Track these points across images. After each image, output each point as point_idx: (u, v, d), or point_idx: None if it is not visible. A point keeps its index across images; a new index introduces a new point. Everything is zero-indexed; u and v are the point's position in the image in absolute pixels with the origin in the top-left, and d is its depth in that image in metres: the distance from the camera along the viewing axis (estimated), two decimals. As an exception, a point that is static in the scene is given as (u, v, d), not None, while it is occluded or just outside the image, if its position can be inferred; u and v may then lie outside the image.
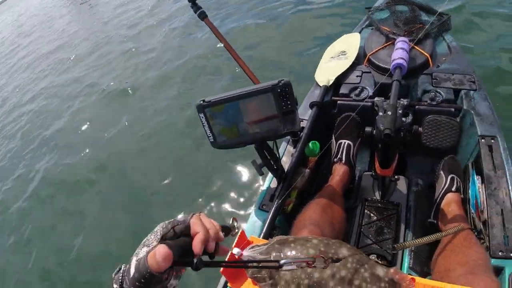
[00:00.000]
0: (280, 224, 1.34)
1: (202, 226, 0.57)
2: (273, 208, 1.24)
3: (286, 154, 1.52)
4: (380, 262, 1.31)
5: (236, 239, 0.83)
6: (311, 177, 1.54)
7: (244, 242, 0.80)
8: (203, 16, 1.62)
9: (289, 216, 1.43)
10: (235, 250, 0.71)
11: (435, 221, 1.35)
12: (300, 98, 1.74)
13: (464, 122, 1.49)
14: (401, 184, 1.53)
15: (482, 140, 1.37)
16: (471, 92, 1.54)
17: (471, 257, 1.00)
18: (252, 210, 1.38)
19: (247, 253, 0.73)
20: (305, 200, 1.55)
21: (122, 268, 0.55)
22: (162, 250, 0.50)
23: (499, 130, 1.39)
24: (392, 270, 0.79)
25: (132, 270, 0.52)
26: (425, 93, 1.57)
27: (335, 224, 1.18)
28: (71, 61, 6.26)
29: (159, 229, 0.57)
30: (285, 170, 1.37)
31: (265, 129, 1.14)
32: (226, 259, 0.72)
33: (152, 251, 0.52)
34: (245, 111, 1.11)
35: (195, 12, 1.62)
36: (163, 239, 0.55)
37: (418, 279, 0.78)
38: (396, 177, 1.54)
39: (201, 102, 1.10)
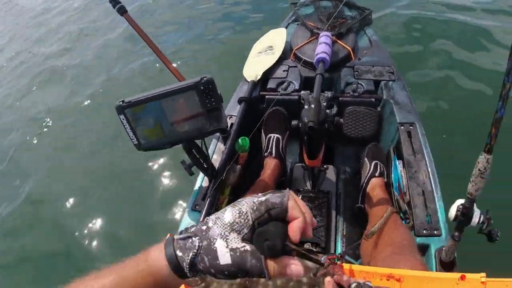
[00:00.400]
0: None
1: (300, 212, 0.48)
2: (205, 207, 1.22)
3: (217, 151, 1.50)
4: (314, 249, 1.35)
5: None
6: (243, 172, 1.54)
7: None
8: (122, 11, 1.53)
9: None
10: None
11: (363, 206, 1.41)
12: (229, 94, 1.73)
13: (385, 111, 1.58)
14: (330, 173, 1.59)
15: (401, 127, 1.46)
16: (390, 82, 1.64)
17: (396, 238, 1.05)
18: (184, 212, 1.34)
19: None
20: (238, 197, 1.55)
21: (194, 241, 0.47)
22: (296, 268, 0.46)
23: (417, 117, 1.49)
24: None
25: (223, 257, 0.45)
26: (348, 85, 1.63)
27: None
28: None
29: (248, 211, 0.46)
30: (216, 168, 1.35)
31: (191, 128, 1.11)
32: None
33: (271, 261, 0.46)
34: (168, 110, 1.07)
35: (114, 7, 1.53)
36: (254, 226, 0.47)
37: (345, 265, 0.80)
38: (325, 166, 1.59)
39: (120, 103, 1.04)
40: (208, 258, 0.46)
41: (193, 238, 0.47)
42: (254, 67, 1.79)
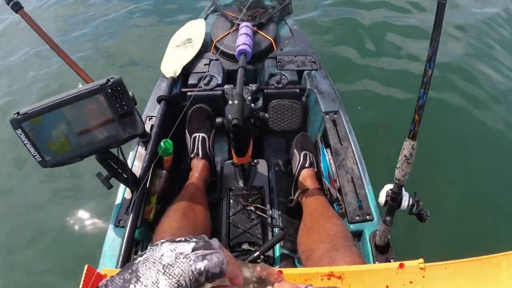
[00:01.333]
0: (144, 237, 1.21)
1: (237, 268, 0.45)
2: (129, 221, 1.10)
3: (138, 157, 1.37)
4: (253, 248, 1.31)
5: (83, 277, 0.68)
6: (170, 177, 1.43)
7: (93, 279, 0.66)
8: (17, 7, 1.32)
9: (153, 224, 1.31)
10: None
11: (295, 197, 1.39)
12: (148, 93, 1.60)
13: (309, 100, 1.58)
14: (262, 167, 1.55)
15: (326, 116, 1.46)
16: (313, 72, 1.63)
17: (330, 232, 1.04)
18: (108, 229, 1.20)
19: None
20: (168, 203, 1.44)
21: None
22: None
23: (340, 105, 1.50)
24: (258, 268, 0.75)
25: None
26: (272, 76, 1.60)
27: (197, 227, 1.11)
28: None
29: (187, 283, 0.38)
30: (138, 176, 1.23)
31: (102, 137, 0.98)
32: None
33: None
34: (73, 119, 0.94)
35: (8, 4, 1.31)
36: None
37: (285, 270, 0.76)
38: (255, 161, 1.54)
39: (15, 115, 0.88)
40: None
41: None
42: (173, 62, 1.67)
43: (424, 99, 0.75)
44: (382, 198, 0.98)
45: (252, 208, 1.38)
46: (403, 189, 0.92)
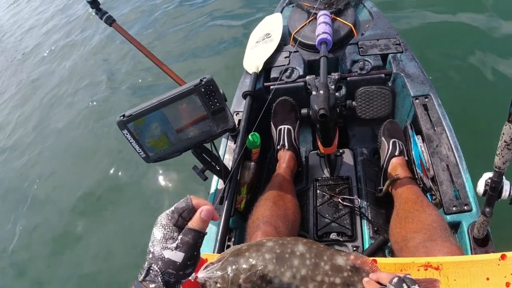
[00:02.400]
0: (236, 225, 1.28)
1: (204, 201, 0.62)
2: (224, 211, 1.17)
3: (228, 151, 1.45)
4: (341, 239, 1.31)
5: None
6: (258, 169, 1.49)
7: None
8: (110, 21, 1.48)
9: (244, 213, 1.38)
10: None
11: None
12: (233, 90, 1.67)
13: (396, 85, 1.51)
14: (347, 157, 1.53)
15: (416, 101, 1.38)
16: (398, 54, 1.55)
17: (425, 221, 0.99)
18: None
19: (202, 274, 0.69)
20: (256, 193, 1.50)
21: (154, 268, 0.56)
22: (205, 210, 0.60)
23: (431, 87, 1.41)
24: (352, 256, 0.76)
25: (176, 256, 0.57)
26: (354, 63, 1.56)
27: (289, 216, 1.14)
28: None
29: (167, 222, 0.59)
30: (229, 168, 1.30)
31: (197, 133, 1.06)
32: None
33: (192, 220, 0.59)
34: (172, 118, 1.02)
35: (101, 18, 1.48)
36: (177, 228, 0.59)
37: (379, 259, 0.76)
38: (341, 151, 1.53)
39: (121, 118, 0.99)
40: (171, 268, 0.56)
41: (151, 268, 0.56)
42: (254, 58, 1.72)
43: None
44: (480, 188, 0.93)
45: (339, 199, 1.37)
46: (503, 177, 0.85)
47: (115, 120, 1.00)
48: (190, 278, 0.65)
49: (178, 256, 0.57)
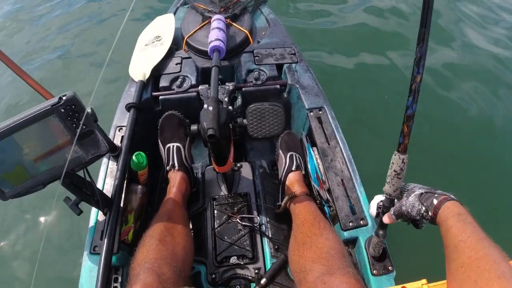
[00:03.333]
0: (123, 262, 1.10)
1: None
2: (104, 248, 0.99)
3: (110, 174, 1.25)
4: (242, 262, 1.22)
5: None
6: (149, 190, 1.33)
7: None
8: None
9: (133, 245, 1.20)
10: None
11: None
12: (117, 100, 1.47)
13: (291, 96, 1.48)
14: (246, 171, 1.45)
15: (311, 113, 1.36)
16: (293, 65, 1.53)
17: (323, 248, 0.95)
18: (83, 257, 1.09)
19: None
20: (147, 220, 1.34)
21: None
22: None
23: (325, 100, 1.40)
24: None
25: None
26: (250, 73, 1.49)
27: (177, 254, 1.00)
28: None
29: None
30: (110, 195, 1.12)
31: (62, 162, 0.87)
32: None
33: None
34: (27, 146, 0.82)
35: None
36: None
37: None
38: (238, 165, 1.44)
39: None
40: None
41: None
42: (141, 63, 1.54)
43: (414, 109, 0.66)
44: (373, 210, 0.92)
45: (238, 219, 1.28)
46: (395, 201, 0.84)
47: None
48: None
49: None
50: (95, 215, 1.15)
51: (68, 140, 0.85)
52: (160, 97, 1.45)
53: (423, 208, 0.72)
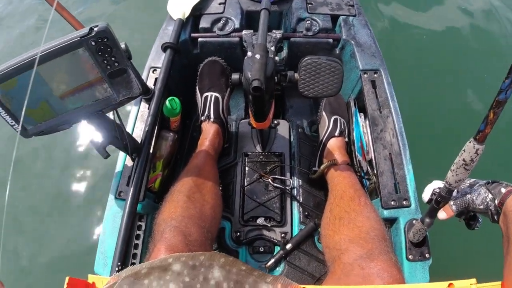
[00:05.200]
0: (149, 210, 1.06)
1: None
2: (130, 194, 0.94)
3: (140, 118, 1.17)
4: (269, 224, 1.17)
5: None
6: (179, 138, 1.25)
7: None
8: None
9: (160, 193, 1.16)
10: None
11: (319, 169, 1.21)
12: (151, 40, 1.36)
13: (344, 53, 1.33)
14: (283, 129, 1.35)
15: (365, 75, 1.22)
16: (350, 18, 1.36)
17: (363, 228, 0.86)
18: (108, 200, 1.05)
19: None
20: (176, 168, 1.28)
21: None
22: None
23: (382, 62, 1.25)
24: (279, 285, 0.61)
25: None
26: (300, 22, 1.34)
27: (206, 213, 0.93)
28: None
29: None
30: (140, 140, 1.05)
31: (90, 101, 0.79)
32: None
33: None
34: (52, 81, 0.74)
35: None
36: None
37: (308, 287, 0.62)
38: (276, 122, 1.34)
39: None
40: None
41: None
42: (181, 1, 1.41)
43: (508, 95, 0.53)
44: (426, 195, 0.83)
45: (270, 180, 1.21)
46: (453, 193, 0.74)
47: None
48: None
49: None
50: (122, 160, 1.09)
51: (98, 77, 0.76)
52: (199, 39, 1.33)
53: (490, 196, 0.68)
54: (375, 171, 1.08)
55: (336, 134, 1.18)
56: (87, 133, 1.88)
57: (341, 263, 0.80)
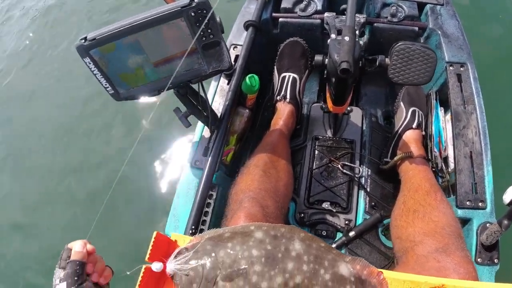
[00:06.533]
0: (220, 181, 1.10)
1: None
2: (208, 165, 0.98)
3: (219, 92, 1.21)
4: (334, 209, 1.17)
5: (151, 245, 0.59)
6: (252, 116, 1.28)
7: (164, 246, 0.61)
8: None
9: (231, 167, 1.20)
10: (155, 266, 0.56)
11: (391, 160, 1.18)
12: (231, 18, 1.38)
13: (429, 43, 1.27)
14: (355, 117, 1.33)
15: (450, 68, 1.16)
16: (438, 7, 1.29)
17: (438, 223, 0.84)
18: (184, 169, 1.11)
19: (172, 265, 0.57)
20: (246, 145, 1.31)
21: None
22: (78, 244, 0.56)
23: (469, 55, 1.18)
24: (358, 266, 0.62)
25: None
26: (385, 7, 1.30)
27: (279, 189, 0.95)
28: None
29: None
30: (219, 114, 1.09)
31: (182, 70, 0.82)
32: (140, 278, 0.57)
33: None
34: (149, 48, 0.78)
35: None
36: None
37: (386, 272, 0.61)
38: (349, 108, 1.32)
39: (82, 41, 0.75)
40: None
41: None
42: (264, -21, 1.41)
43: None
44: (508, 196, 0.78)
45: (339, 166, 1.20)
46: None
47: (75, 44, 0.75)
48: (155, 269, 0.56)
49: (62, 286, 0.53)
50: (200, 131, 1.14)
51: (192, 48, 0.79)
52: (280, 19, 1.33)
53: None
54: (453, 168, 1.04)
55: (414, 126, 1.14)
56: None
57: (414, 255, 0.79)
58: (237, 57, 1.18)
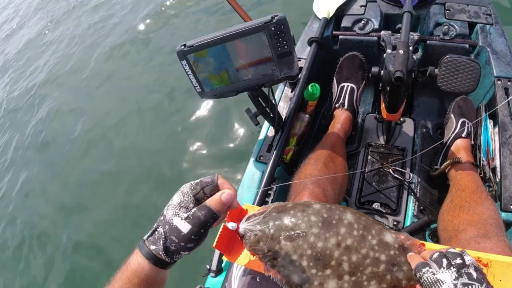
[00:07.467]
0: (279, 175, 1.26)
1: (230, 185, 0.62)
2: (272, 160, 1.14)
3: (283, 98, 1.38)
4: (383, 210, 1.26)
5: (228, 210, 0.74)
6: (311, 122, 1.42)
7: (237, 212, 0.71)
8: None
9: (289, 165, 1.35)
10: (230, 225, 0.65)
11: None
12: (297, 34, 1.56)
13: (479, 60, 1.35)
14: (407, 127, 1.43)
15: (498, 82, 1.24)
16: (487, 26, 1.38)
17: (482, 215, 0.91)
18: (249, 162, 1.28)
19: (243, 226, 0.67)
20: (304, 147, 1.45)
21: (159, 231, 0.57)
22: (227, 193, 0.60)
23: None
24: (402, 236, 0.71)
25: (183, 227, 0.56)
26: (437, 26, 1.40)
27: (337, 179, 1.09)
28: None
29: (188, 191, 0.60)
30: (283, 117, 1.25)
31: (258, 75, 0.99)
32: (219, 233, 0.66)
33: (211, 198, 0.60)
34: (234, 55, 0.96)
35: None
36: (195, 200, 0.60)
37: (427, 244, 0.71)
38: (401, 119, 1.42)
39: (182, 47, 0.94)
40: (175, 236, 0.56)
41: (157, 229, 0.57)
42: (326, 1, 1.58)
43: None
44: None
45: (391, 170, 1.30)
46: None
47: (175, 49, 0.95)
48: (230, 227, 0.64)
49: (185, 227, 0.57)
50: (265, 130, 1.30)
51: (269, 57, 0.96)
52: (340, 36, 1.48)
53: None
54: (499, 176, 1.10)
55: (463, 135, 1.22)
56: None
57: (457, 239, 0.87)
58: (301, 68, 1.35)
